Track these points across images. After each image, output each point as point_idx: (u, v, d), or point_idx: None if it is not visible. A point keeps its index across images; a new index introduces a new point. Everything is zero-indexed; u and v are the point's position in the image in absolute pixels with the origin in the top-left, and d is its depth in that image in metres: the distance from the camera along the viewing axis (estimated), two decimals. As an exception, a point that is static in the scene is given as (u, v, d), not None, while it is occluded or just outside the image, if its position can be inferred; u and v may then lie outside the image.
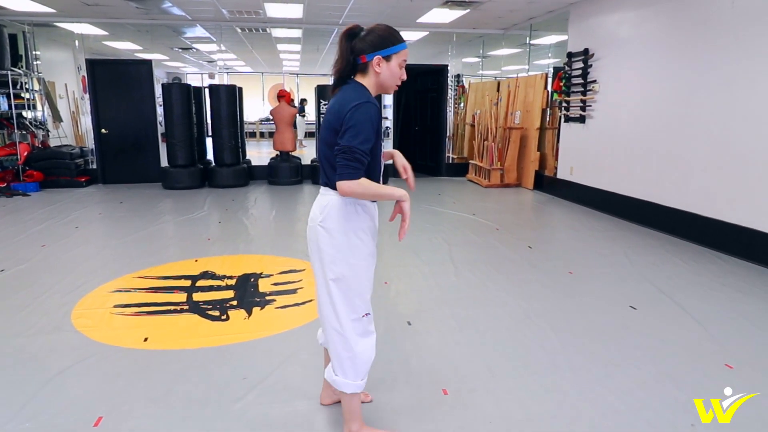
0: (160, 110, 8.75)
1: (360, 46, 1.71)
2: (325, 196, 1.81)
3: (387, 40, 1.71)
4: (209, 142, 8.95)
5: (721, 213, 4.62)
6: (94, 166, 8.44)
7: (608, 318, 3.20)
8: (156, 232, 5.29)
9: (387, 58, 1.72)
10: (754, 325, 3.10)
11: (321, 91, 8.45)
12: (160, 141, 8.64)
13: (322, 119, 1.81)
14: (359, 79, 1.76)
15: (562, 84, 7.12)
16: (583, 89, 6.64)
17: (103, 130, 8.33)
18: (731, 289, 3.69)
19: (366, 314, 1.85)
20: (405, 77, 1.79)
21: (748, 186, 4.36)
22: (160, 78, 12.80)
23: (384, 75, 1.74)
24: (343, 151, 1.63)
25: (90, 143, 8.45)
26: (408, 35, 9.47)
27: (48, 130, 8.21)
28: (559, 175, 7.35)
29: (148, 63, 8.48)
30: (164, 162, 8.33)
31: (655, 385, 2.42)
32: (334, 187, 1.74)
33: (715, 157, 4.68)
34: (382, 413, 2.17)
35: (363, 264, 1.81)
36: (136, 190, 7.87)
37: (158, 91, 8.64)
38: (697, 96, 4.87)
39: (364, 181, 1.65)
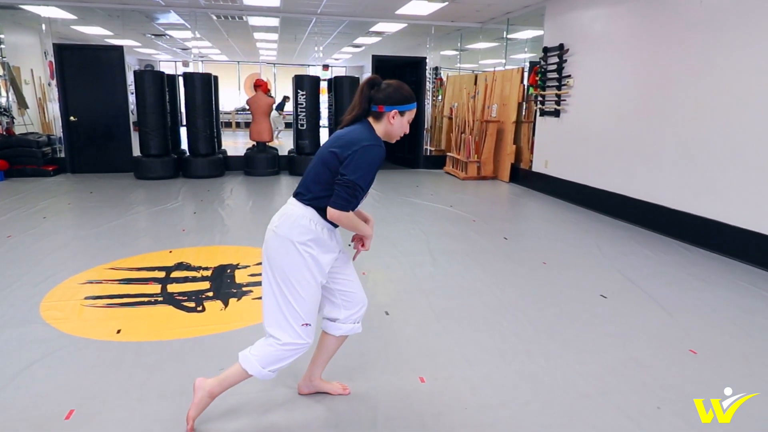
0: (132, 98, 8.54)
1: (379, 97, 1.88)
2: (289, 206, 1.90)
3: (404, 97, 1.90)
4: (183, 131, 8.78)
5: (688, 205, 4.77)
6: (62, 155, 8.20)
7: (580, 306, 3.28)
8: (128, 223, 5.18)
9: (402, 113, 1.90)
10: (716, 312, 3.23)
11: (299, 81, 8.36)
12: (132, 130, 8.43)
13: (322, 148, 1.93)
14: (372, 122, 1.91)
15: (537, 78, 7.21)
16: (558, 84, 6.74)
17: (71, 118, 8.09)
18: (695, 279, 3.83)
19: (305, 324, 1.88)
20: (408, 131, 1.97)
21: (713, 179, 4.51)
22: (131, 65, 12.45)
23: (396, 126, 1.91)
24: (346, 185, 1.77)
25: (58, 131, 8.19)
26: (387, 26, 9.45)
27: (13, 117, 7.94)
28: (535, 168, 7.47)
29: (119, 49, 8.25)
30: (136, 151, 8.14)
31: (623, 370, 2.50)
32: (304, 202, 1.86)
33: (682, 152, 4.82)
34: (360, 401, 2.19)
35: (300, 279, 1.84)
36: (106, 180, 7.68)
37: (130, 78, 8.43)
38: (667, 92, 5.00)
39: (351, 215, 1.83)
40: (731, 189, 4.35)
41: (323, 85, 9.07)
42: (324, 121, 9.26)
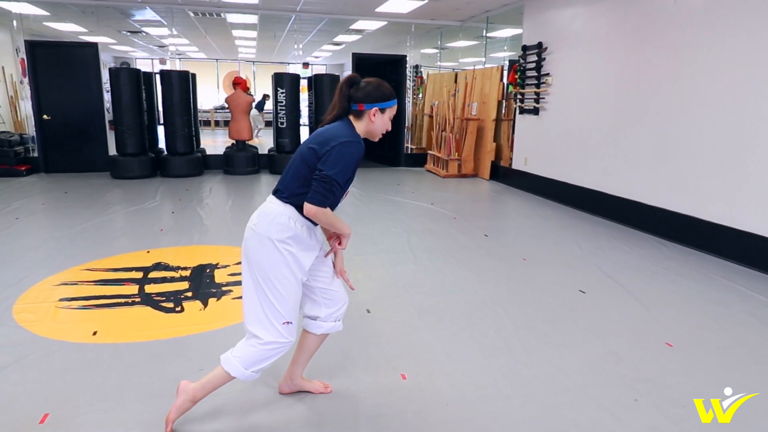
0: (107, 96, 8.37)
1: (359, 96, 1.87)
2: (268, 204, 1.88)
3: (384, 95, 1.89)
4: (161, 130, 8.64)
5: (664, 202, 4.87)
6: (36, 154, 7.99)
7: (559, 302, 3.33)
8: (104, 223, 5.08)
9: (382, 110, 1.89)
10: (691, 305, 3.31)
11: (278, 79, 8.29)
12: (107, 128, 8.26)
13: (301, 145, 1.90)
14: (352, 121, 1.90)
15: (517, 77, 7.27)
16: (537, 82, 6.81)
17: (44, 117, 7.88)
18: (672, 273, 3.91)
19: (286, 322, 1.87)
20: (390, 128, 1.96)
21: (688, 176, 4.61)
22: (106, 63, 12.20)
23: (377, 124, 1.90)
24: (323, 180, 1.76)
25: (30, 130, 7.98)
26: (367, 24, 9.43)
27: (-17, 116, 7.71)
28: (514, 166, 7.54)
29: (93, 46, 8.06)
30: (112, 150, 7.98)
31: (602, 364, 2.54)
32: (282, 199, 1.84)
33: (658, 149, 4.92)
34: (342, 399, 2.19)
35: (280, 277, 1.83)
36: (82, 179, 7.51)
37: (105, 76, 8.25)
38: (643, 90, 5.09)
39: (327, 211, 1.81)
40: (705, 185, 4.45)
41: (303, 84, 9.01)
42: (304, 119, 9.21)
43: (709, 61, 4.36)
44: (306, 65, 14.64)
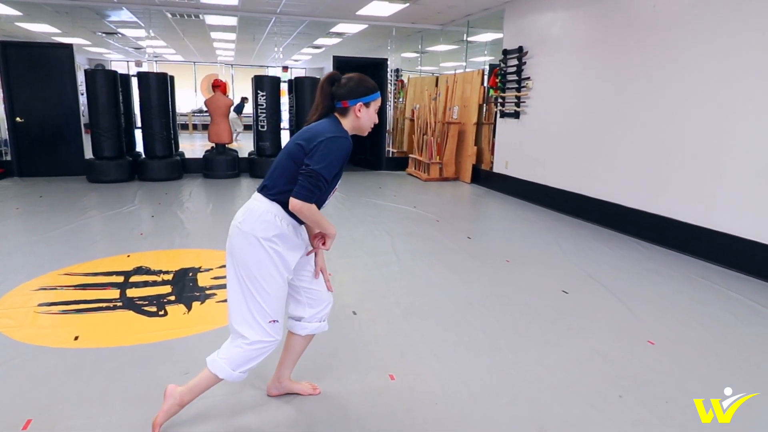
0: (83, 99, 8.20)
1: (341, 93, 1.86)
2: (254, 201, 1.86)
3: (367, 89, 1.88)
4: (138, 133, 8.49)
5: (642, 204, 4.98)
6: (9, 158, 7.77)
7: (543, 302, 3.37)
8: (82, 227, 4.97)
9: (367, 105, 1.88)
10: (671, 303, 3.39)
11: (258, 82, 8.24)
12: (83, 132, 8.09)
13: (288, 142, 1.89)
14: (338, 118, 1.89)
15: (497, 80, 7.37)
16: (517, 86, 6.91)
17: (17, 119, 7.67)
18: (651, 273, 4.00)
19: (272, 321, 1.86)
20: (377, 121, 1.95)
21: (666, 179, 4.73)
22: (81, 65, 11.95)
23: (363, 119, 1.89)
24: (310, 175, 1.73)
25: (3, 133, 7.77)
26: (347, 27, 9.45)
27: (-47, 118, 7.47)
28: (495, 169, 7.63)
29: (68, 47, 7.89)
30: (89, 154, 7.81)
31: (586, 361, 2.59)
32: (269, 196, 1.83)
33: (637, 152, 5.04)
34: (331, 400, 2.18)
35: (266, 275, 1.82)
36: (57, 183, 7.33)
37: (80, 78, 8.08)
38: (623, 94, 5.21)
39: (313, 207, 1.78)
40: (683, 188, 4.57)
41: (283, 87, 8.97)
42: (285, 124, 9.16)
43: (685, 65, 4.49)
44: (285, 69, 14.58)
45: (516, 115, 6.99)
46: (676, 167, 4.61)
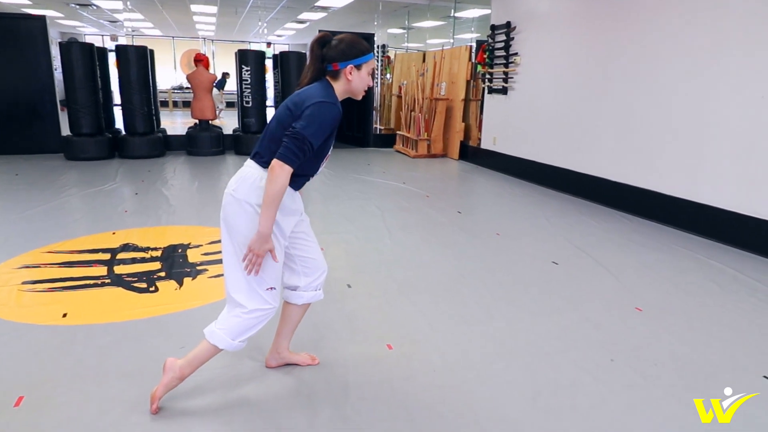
0: (57, 74, 7.91)
1: (332, 55, 1.79)
2: (246, 168, 1.83)
3: (359, 50, 1.80)
4: (118, 110, 8.25)
5: (627, 178, 5.04)
6: (-19, 136, 7.50)
7: (534, 273, 3.41)
8: (62, 205, 4.84)
9: (358, 67, 1.81)
10: (657, 273, 3.46)
11: (242, 57, 8.05)
12: (59, 108, 7.83)
13: (279, 107, 1.82)
14: (330, 81, 1.82)
15: (485, 56, 7.31)
16: (505, 61, 6.87)
17: (-11, 94, 7.39)
18: (637, 245, 4.07)
19: (270, 288, 1.85)
20: (371, 83, 1.89)
21: (650, 153, 4.78)
22: (54, 38, 11.51)
23: (355, 82, 1.82)
24: (295, 137, 1.68)
25: (-26, 109, 7.47)
26: (333, 1, 9.24)
27: None
28: (483, 146, 7.62)
29: (41, 19, 7.56)
30: (66, 131, 7.58)
31: (578, 329, 2.63)
32: (261, 164, 1.78)
33: (622, 127, 5.07)
34: (330, 370, 2.18)
35: None
36: (33, 161, 7.11)
37: (54, 51, 7.78)
38: (609, 70, 5.22)
39: (287, 174, 1.67)
40: (666, 162, 4.63)
41: (267, 64, 8.78)
42: (270, 101, 8.99)
43: (671, 43, 4.50)
44: (269, 44, 14.27)
45: (504, 91, 6.96)
46: (660, 142, 4.65)
